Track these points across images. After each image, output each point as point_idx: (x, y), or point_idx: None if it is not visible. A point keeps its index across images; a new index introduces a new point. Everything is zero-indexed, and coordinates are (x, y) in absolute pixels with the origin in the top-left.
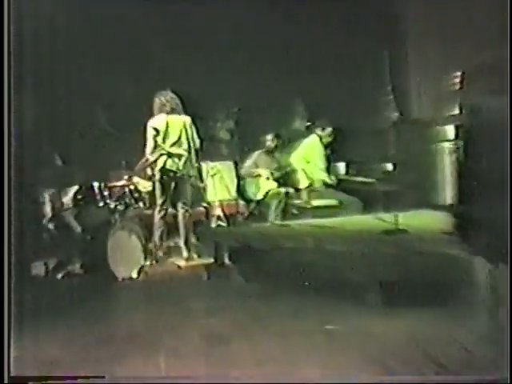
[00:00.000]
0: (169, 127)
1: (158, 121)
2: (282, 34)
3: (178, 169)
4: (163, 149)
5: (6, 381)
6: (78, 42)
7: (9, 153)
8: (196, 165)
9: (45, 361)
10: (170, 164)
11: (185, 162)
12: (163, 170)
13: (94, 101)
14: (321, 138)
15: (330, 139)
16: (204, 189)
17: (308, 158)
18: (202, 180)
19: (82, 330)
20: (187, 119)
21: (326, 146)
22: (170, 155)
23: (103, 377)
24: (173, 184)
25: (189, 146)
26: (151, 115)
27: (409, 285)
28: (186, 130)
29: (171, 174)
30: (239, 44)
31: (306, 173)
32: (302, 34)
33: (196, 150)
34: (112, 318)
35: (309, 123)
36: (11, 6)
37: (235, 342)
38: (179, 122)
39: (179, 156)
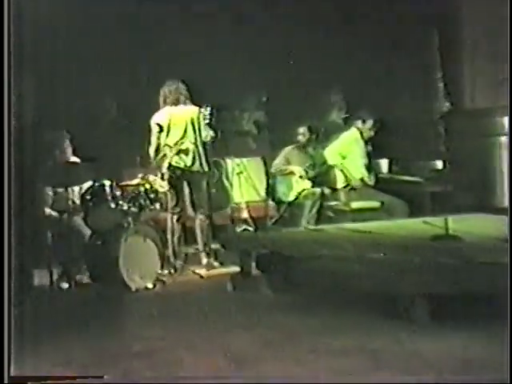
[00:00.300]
0: (172, 121)
1: (160, 115)
2: (317, 17)
3: (186, 166)
4: (167, 145)
5: (5, 381)
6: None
7: (9, 149)
8: (205, 160)
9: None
10: (176, 160)
11: (193, 158)
12: (169, 167)
13: (103, 89)
14: (361, 132)
15: (371, 133)
16: (229, 188)
17: (345, 153)
18: (227, 178)
19: (91, 346)
20: (194, 110)
21: (366, 141)
22: (177, 152)
23: (102, 377)
24: (185, 183)
25: (196, 140)
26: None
27: (460, 298)
28: (193, 123)
29: (179, 171)
30: (270, 28)
31: (344, 171)
32: (340, 17)
33: (204, 144)
34: (124, 333)
35: (347, 115)
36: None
37: (263, 362)
38: (185, 114)
39: (186, 151)
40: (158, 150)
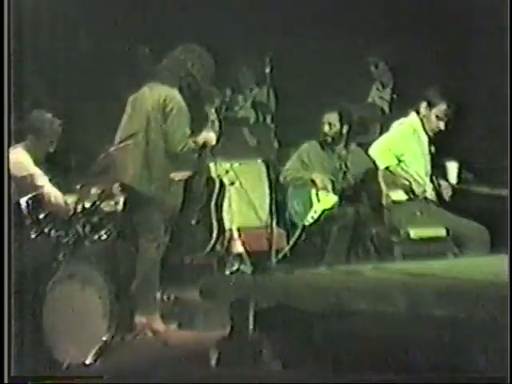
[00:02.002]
0: (133, 108)
1: (131, 98)
2: None
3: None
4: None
5: (5, 381)
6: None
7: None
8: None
9: None
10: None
11: (142, 168)
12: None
13: None
14: (422, 121)
15: (440, 125)
16: (214, 207)
17: (400, 151)
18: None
19: None
20: (166, 93)
21: (430, 137)
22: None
23: (102, 377)
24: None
25: (148, 141)
26: None
27: None
28: (155, 114)
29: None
30: None
31: (394, 178)
32: None
33: (165, 148)
34: None
35: (394, 94)
36: None
37: None
38: (150, 98)
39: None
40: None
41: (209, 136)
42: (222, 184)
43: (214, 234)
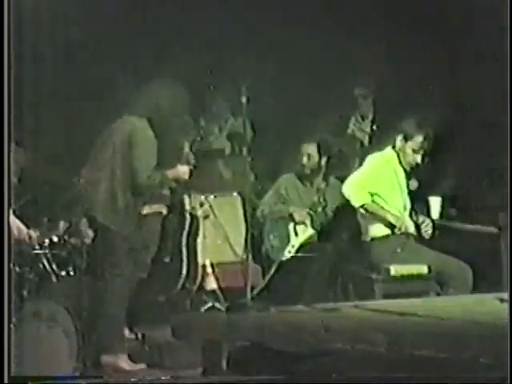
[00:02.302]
0: (103, 140)
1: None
2: None
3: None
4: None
5: (6, 381)
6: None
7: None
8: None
9: None
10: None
11: (108, 201)
12: None
13: None
14: (398, 155)
15: (417, 159)
16: (185, 244)
17: (375, 187)
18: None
19: None
20: (134, 124)
21: (407, 170)
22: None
23: (102, 377)
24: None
25: (114, 173)
26: None
27: None
28: (122, 145)
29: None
30: None
31: (372, 214)
32: None
33: (131, 181)
34: None
35: (374, 126)
36: None
37: None
38: (119, 129)
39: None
40: None
41: (181, 170)
42: (193, 219)
43: (184, 271)
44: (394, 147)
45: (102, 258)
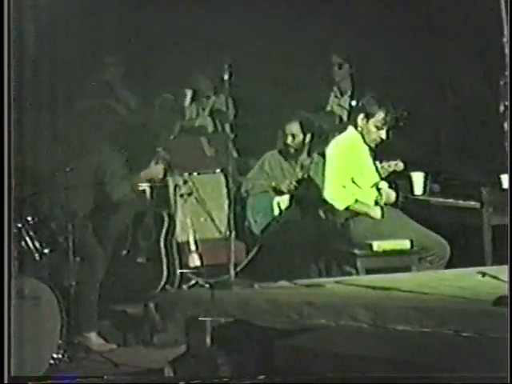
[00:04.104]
0: None
1: None
2: None
3: None
4: None
5: (5, 381)
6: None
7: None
8: None
9: None
10: None
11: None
12: None
13: None
14: (362, 134)
15: (382, 134)
16: (169, 220)
17: (351, 177)
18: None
19: None
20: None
21: (372, 147)
22: None
23: (102, 377)
24: None
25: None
26: None
27: None
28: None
29: None
30: None
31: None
32: None
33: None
34: None
35: (353, 101)
36: None
37: None
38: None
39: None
40: None
41: (155, 169)
42: (171, 219)
43: (165, 273)
44: (356, 127)
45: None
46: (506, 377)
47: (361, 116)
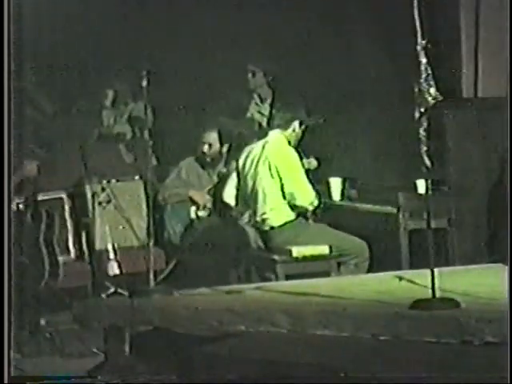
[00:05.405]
0: None
1: None
2: None
3: None
4: None
5: (5, 381)
6: None
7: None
8: None
9: None
10: None
11: None
12: None
13: None
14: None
15: (298, 133)
16: (86, 227)
17: (279, 169)
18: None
19: None
20: None
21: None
22: None
23: (96, 377)
24: None
25: None
26: None
27: None
28: None
29: None
30: None
31: (272, 195)
32: None
33: None
34: None
35: (274, 110)
36: None
37: None
38: None
39: None
40: None
41: (28, 168)
42: (48, 215)
43: (47, 269)
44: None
45: None
46: (506, 377)
47: (296, 123)
